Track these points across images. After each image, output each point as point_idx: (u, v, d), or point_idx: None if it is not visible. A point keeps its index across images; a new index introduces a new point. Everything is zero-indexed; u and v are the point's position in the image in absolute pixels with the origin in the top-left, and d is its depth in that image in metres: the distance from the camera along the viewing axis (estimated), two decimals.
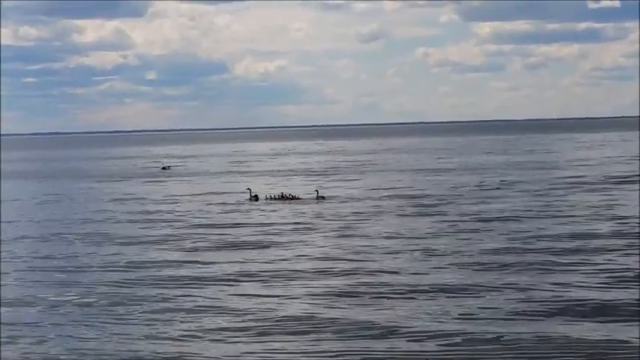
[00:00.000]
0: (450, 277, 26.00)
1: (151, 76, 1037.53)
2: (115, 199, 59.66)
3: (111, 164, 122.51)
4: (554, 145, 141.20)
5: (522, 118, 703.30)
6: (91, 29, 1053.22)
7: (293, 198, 54.37)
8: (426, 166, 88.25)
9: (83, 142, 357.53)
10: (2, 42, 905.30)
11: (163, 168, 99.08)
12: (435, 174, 74.21)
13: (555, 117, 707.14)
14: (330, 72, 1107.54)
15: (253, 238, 36.46)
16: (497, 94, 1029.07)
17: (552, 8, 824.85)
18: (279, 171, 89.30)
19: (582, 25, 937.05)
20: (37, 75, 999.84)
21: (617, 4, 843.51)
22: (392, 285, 25.17)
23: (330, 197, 54.34)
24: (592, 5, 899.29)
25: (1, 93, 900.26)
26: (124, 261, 31.34)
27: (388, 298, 23.64)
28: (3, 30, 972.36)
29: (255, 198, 54.47)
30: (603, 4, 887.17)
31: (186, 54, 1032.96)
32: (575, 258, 29.04)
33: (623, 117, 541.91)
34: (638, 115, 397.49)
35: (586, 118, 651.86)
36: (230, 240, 36.13)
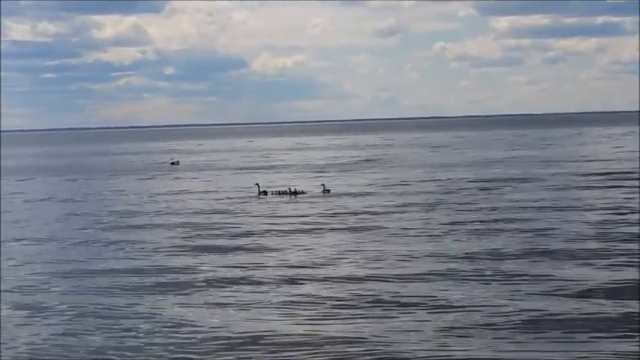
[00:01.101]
0: (451, 286, 24.47)
1: (169, 71, 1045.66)
2: (112, 196, 58.69)
3: (122, 159, 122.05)
4: (570, 139, 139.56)
5: (541, 112, 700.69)
6: (109, 25, 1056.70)
7: (299, 192, 54.07)
8: (438, 161, 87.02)
9: (100, 137, 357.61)
10: (21, 38, 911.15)
11: (172, 163, 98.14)
12: (445, 170, 72.99)
13: (574, 111, 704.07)
14: (347, 67, 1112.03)
15: (257, 238, 34.95)
16: (515, 88, 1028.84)
17: (570, 2, 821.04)
18: (290, 166, 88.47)
19: (600, 19, 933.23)
20: (56, 71, 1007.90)
21: None
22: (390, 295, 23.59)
23: (337, 192, 53.98)
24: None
25: (20, 89, 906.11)
26: (124, 265, 29.65)
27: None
28: (21, 26, 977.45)
29: (264, 193, 54.21)
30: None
31: (204, 49, 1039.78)
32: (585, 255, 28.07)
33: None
34: None
35: (604, 112, 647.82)
36: (232, 242, 34.31)
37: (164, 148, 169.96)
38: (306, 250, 31.34)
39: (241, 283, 25.46)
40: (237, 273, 27.00)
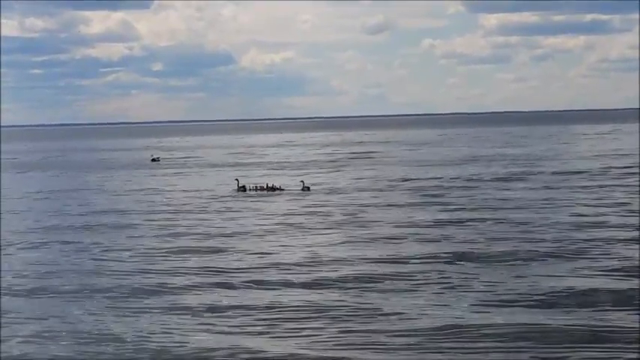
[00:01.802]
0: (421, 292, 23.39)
1: (157, 67, 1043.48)
2: (83, 194, 57.21)
3: (104, 156, 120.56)
4: (554, 137, 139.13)
5: (529, 110, 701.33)
6: (97, 21, 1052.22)
7: (277, 189, 53.63)
8: (419, 158, 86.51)
9: (87, 133, 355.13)
10: (8, 34, 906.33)
11: (153, 160, 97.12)
12: (425, 167, 72.43)
13: (562, 109, 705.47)
14: (336, 63, 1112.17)
15: (214, 241, 33.21)
16: (503, 86, 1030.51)
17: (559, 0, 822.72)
18: (274, 162, 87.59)
19: (589, 17, 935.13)
20: (44, 66, 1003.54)
21: None
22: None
23: (316, 189, 53.46)
24: None
25: (8, 85, 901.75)
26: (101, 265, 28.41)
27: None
28: (9, 22, 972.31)
29: (243, 189, 53.73)
30: None
31: (192, 45, 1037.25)
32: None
33: (629, 109, 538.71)
34: None
35: (592, 109, 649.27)
36: (198, 243, 32.74)
37: (148, 144, 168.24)
38: (263, 253, 29.41)
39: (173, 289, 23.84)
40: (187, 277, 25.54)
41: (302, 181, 54.68)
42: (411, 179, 58.89)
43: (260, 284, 24.33)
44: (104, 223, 39.43)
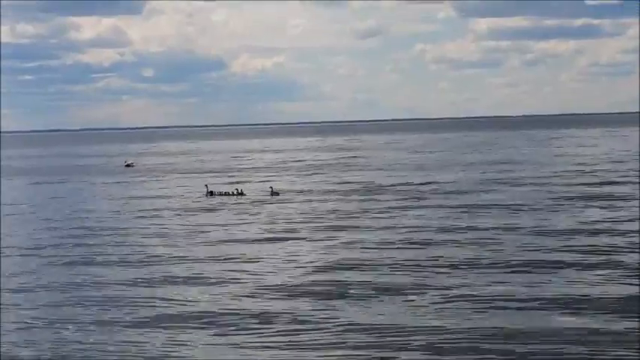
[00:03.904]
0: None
1: (148, 73, 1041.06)
2: (42, 202, 56.10)
3: (81, 161, 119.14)
4: (544, 141, 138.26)
5: (520, 114, 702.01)
6: (88, 26, 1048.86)
7: (243, 194, 53.67)
8: (388, 163, 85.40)
9: (75, 139, 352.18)
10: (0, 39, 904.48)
11: (127, 165, 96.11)
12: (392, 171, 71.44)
13: (553, 113, 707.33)
14: (327, 68, 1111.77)
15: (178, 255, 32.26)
16: (495, 91, 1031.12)
17: (549, 3, 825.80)
18: (248, 168, 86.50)
19: (579, 21, 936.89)
20: (35, 72, 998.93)
21: (615, 1, 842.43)
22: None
23: (285, 195, 53.15)
24: (589, 2, 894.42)
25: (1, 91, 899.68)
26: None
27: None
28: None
29: (211, 194, 54.11)
30: (600, 1, 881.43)
31: (183, 51, 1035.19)
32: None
33: (619, 113, 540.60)
34: (636, 111, 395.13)
35: (583, 114, 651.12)
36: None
37: (129, 150, 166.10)
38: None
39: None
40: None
41: (271, 187, 54.66)
42: (380, 185, 57.53)
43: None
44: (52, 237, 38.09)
